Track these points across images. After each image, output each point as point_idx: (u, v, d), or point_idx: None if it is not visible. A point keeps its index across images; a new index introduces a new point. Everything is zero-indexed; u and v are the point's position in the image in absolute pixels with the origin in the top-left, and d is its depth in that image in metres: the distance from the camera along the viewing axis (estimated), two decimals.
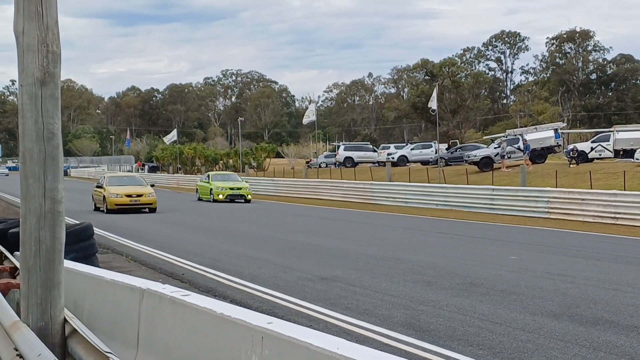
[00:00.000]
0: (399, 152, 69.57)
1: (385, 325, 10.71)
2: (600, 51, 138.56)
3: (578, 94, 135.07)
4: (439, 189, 39.25)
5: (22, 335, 5.89)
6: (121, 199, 36.62)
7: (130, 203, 36.67)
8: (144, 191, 37.81)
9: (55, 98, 6.29)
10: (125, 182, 39.33)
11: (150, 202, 37.36)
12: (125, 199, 36.67)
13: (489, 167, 50.97)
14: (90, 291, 8.17)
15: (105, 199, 36.79)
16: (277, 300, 12.91)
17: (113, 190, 37.12)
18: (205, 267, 17.09)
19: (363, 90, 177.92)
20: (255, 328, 4.77)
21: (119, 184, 38.47)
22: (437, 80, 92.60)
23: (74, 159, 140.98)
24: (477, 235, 24.62)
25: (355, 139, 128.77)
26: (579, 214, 29.48)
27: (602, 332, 10.16)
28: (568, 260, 17.77)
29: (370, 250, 20.01)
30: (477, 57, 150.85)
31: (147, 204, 37.29)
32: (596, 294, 13.14)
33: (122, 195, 36.72)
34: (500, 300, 12.50)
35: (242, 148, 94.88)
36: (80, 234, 14.42)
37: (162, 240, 23.38)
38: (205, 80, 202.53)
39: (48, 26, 6.23)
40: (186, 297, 6.06)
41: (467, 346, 9.52)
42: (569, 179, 40.65)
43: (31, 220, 6.27)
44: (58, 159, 6.33)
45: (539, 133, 54.61)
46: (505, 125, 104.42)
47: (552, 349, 9.30)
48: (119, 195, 36.66)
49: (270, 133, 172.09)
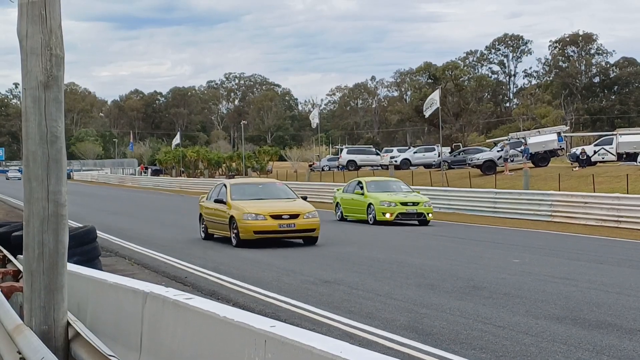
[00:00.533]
0: (401, 155, 69.54)
1: (388, 329, 10.70)
2: (603, 54, 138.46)
3: (581, 97, 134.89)
4: (442, 192, 39.24)
5: (26, 338, 5.90)
6: (264, 223, 22.15)
7: (281, 230, 22.39)
8: (299, 209, 22.99)
9: (58, 101, 6.30)
10: (261, 194, 24.55)
11: (310, 226, 22.73)
12: (272, 223, 22.20)
13: (491, 171, 50.97)
14: (93, 294, 8.17)
15: (234, 221, 22.42)
16: (280, 304, 12.91)
17: (248, 207, 22.56)
18: (208, 270, 17.10)
19: (366, 93, 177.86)
20: (258, 331, 4.77)
21: (253, 197, 23.89)
22: (440, 84, 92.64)
23: (77, 162, 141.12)
24: (480, 238, 24.62)
25: (358, 142, 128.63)
26: (582, 218, 29.46)
27: (605, 336, 10.15)
28: (571, 264, 17.76)
29: (373, 254, 20.00)
30: (480, 60, 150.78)
31: (305, 230, 22.71)
32: (599, 297, 13.12)
33: (265, 216, 22.21)
34: (503, 304, 12.49)
35: (245, 151, 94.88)
36: (83, 237, 14.42)
37: (164, 243, 23.38)
38: (208, 83, 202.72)
39: (52, 29, 6.25)
40: (189, 300, 6.06)
41: (470, 349, 9.51)
42: (572, 182, 40.63)
43: (34, 223, 6.27)
44: (61, 162, 6.34)
45: (542, 136, 54.63)
46: (508, 129, 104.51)
47: (556, 353, 9.29)
48: (260, 217, 22.17)
49: (273, 136, 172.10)
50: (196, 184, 74.80)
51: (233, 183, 25.86)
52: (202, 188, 69.67)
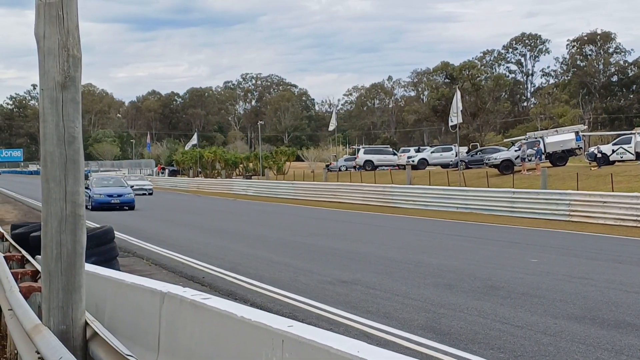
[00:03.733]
0: (419, 155, 69.41)
1: (406, 329, 10.68)
2: (622, 53, 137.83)
3: (599, 97, 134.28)
4: (459, 192, 39.13)
5: (44, 338, 5.91)
6: None
7: None
8: None
9: (76, 102, 6.31)
10: None
11: None
12: None
13: (509, 170, 50.80)
14: (111, 294, 8.19)
15: None
16: (298, 304, 12.91)
17: None
18: (226, 270, 17.13)
19: (383, 93, 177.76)
20: (275, 331, 4.76)
21: None
22: (457, 83, 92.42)
23: (95, 163, 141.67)
24: (497, 238, 24.54)
25: (375, 142, 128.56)
26: (601, 217, 29.31)
27: (624, 336, 10.09)
28: (589, 263, 17.67)
29: (390, 254, 19.97)
30: (497, 60, 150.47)
31: None
32: (618, 297, 13.06)
33: None
34: (522, 304, 12.44)
35: (262, 152, 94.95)
36: (101, 238, 14.48)
37: (182, 243, 23.43)
38: (225, 84, 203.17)
39: (69, 30, 6.26)
40: (207, 300, 6.06)
41: (488, 349, 9.48)
42: (590, 181, 40.43)
43: (52, 223, 6.29)
44: (79, 163, 6.35)
45: (560, 136, 54.41)
46: (526, 128, 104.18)
47: (574, 352, 9.25)
48: None
49: (290, 136, 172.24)
50: (213, 184, 74.93)
51: None
52: (220, 189, 69.88)
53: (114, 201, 41.76)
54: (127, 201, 42.35)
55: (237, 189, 65.96)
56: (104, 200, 41.50)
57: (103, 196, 41.70)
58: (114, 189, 43.27)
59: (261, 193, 60.85)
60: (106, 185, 44.21)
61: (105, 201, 41.52)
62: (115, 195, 42.12)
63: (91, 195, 41.31)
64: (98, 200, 41.42)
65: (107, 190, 42.77)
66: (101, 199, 41.56)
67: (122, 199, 42.16)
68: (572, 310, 11.87)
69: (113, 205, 41.52)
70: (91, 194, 41.35)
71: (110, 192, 42.41)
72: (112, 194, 42.33)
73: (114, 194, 42.27)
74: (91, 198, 41.06)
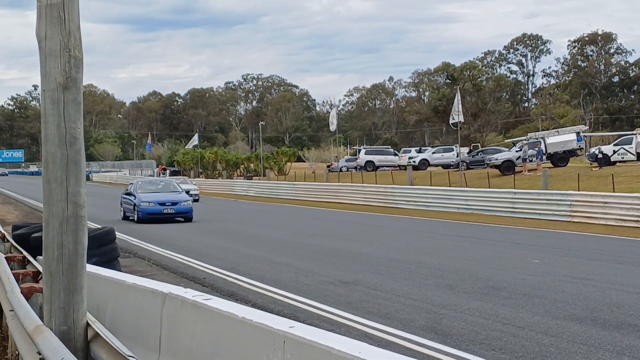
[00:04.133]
0: (420, 155, 69.40)
1: (407, 329, 10.69)
2: (623, 54, 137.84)
3: (600, 97, 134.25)
4: (460, 193, 39.13)
5: (45, 339, 5.92)
6: None
7: None
8: None
9: (77, 103, 6.31)
10: None
11: None
12: None
13: (510, 171, 50.78)
14: (112, 295, 8.19)
15: None
16: (299, 304, 12.91)
17: None
18: (227, 271, 17.13)
19: (384, 94, 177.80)
20: (277, 332, 4.76)
21: None
22: (458, 84, 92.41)
23: (96, 164, 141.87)
24: (498, 238, 24.54)
25: (376, 143, 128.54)
26: (602, 218, 29.30)
27: (625, 336, 10.09)
28: (591, 264, 17.67)
29: (392, 254, 19.97)
30: (498, 60, 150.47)
31: None
32: (619, 297, 13.05)
33: None
34: (523, 304, 12.44)
35: (263, 152, 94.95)
36: (102, 239, 14.48)
37: (183, 244, 23.44)
38: (226, 84, 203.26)
39: (70, 31, 6.26)
40: (208, 301, 6.06)
41: (490, 350, 9.48)
42: (592, 182, 40.42)
43: (54, 224, 6.29)
44: (80, 164, 6.35)
45: (561, 136, 54.41)
46: (527, 129, 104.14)
47: (575, 353, 9.25)
48: None
49: (291, 137, 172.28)
50: (215, 185, 74.91)
51: None
52: (221, 189, 69.86)
53: (167, 211, 33.40)
54: (184, 211, 33.82)
55: (239, 190, 65.94)
56: (154, 210, 33.26)
57: (153, 205, 33.37)
58: (165, 195, 34.66)
59: (262, 194, 60.86)
60: (155, 191, 35.57)
61: (157, 211, 33.29)
62: (168, 204, 33.66)
63: (137, 203, 33.49)
64: (147, 211, 33.15)
65: (158, 197, 34.28)
66: (151, 208, 33.28)
67: (178, 207, 33.77)
68: (574, 311, 11.87)
69: (166, 216, 33.30)
70: (137, 202, 33.55)
71: (162, 200, 33.92)
72: (164, 201, 33.82)
73: (167, 202, 33.84)
74: (137, 207, 33.34)
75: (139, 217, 32.93)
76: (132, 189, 35.23)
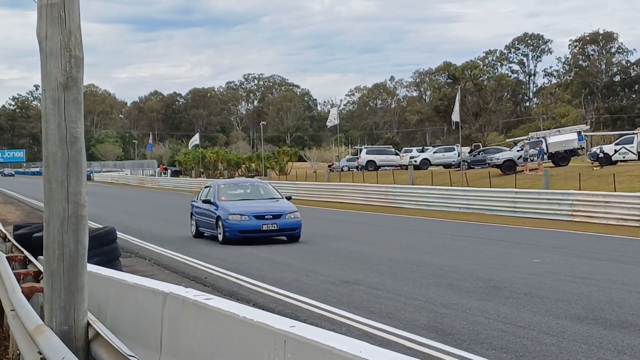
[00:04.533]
0: (421, 155, 69.39)
1: (408, 329, 10.68)
2: (624, 53, 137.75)
3: (601, 97, 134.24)
4: (462, 192, 39.11)
5: (46, 339, 5.92)
6: None
7: None
8: None
9: (78, 102, 6.31)
10: None
11: None
12: None
13: (511, 170, 50.74)
14: (113, 295, 8.19)
15: None
16: (300, 304, 12.91)
17: None
18: (228, 270, 17.14)
19: (385, 93, 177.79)
20: (277, 332, 4.76)
21: None
22: (459, 83, 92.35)
23: (97, 164, 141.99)
24: (499, 238, 24.53)
25: (377, 143, 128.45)
26: (603, 217, 29.27)
27: (626, 336, 10.08)
28: (592, 263, 17.66)
29: (393, 254, 19.97)
30: (499, 59, 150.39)
31: None
32: (620, 297, 13.04)
33: None
34: (524, 304, 12.44)
35: (264, 152, 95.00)
36: (103, 238, 14.48)
37: (184, 244, 23.44)
38: (227, 84, 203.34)
39: (71, 31, 6.26)
40: (209, 300, 6.06)
41: (491, 349, 9.48)
42: (593, 181, 40.41)
43: (55, 224, 6.29)
44: (81, 163, 6.35)
45: (562, 136, 54.40)
46: (528, 128, 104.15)
47: (576, 353, 9.24)
48: None
49: (292, 137, 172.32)
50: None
51: None
52: None
53: (267, 227, 23.28)
54: (290, 226, 23.74)
55: None
56: (250, 226, 23.19)
57: (248, 218, 23.23)
58: (262, 205, 24.46)
59: None
60: (244, 197, 25.54)
61: (253, 227, 23.18)
62: (269, 217, 23.44)
63: (222, 217, 23.43)
64: (239, 227, 23.16)
65: (252, 206, 24.10)
66: (244, 223, 23.17)
67: (282, 222, 23.51)
68: (575, 310, 11.86)
69: (266, 234, 23.37)
70: (222, 215, 23.49)
71: (259, 210, 23.70)
72: (262, 213, 23.59)
73: (267, 214, 23.56)
74: (223, 222, 23.29)
75: (225, 236, 23.13)
76: (211, 195, 25.20)
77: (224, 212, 23.47)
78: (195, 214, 26.12)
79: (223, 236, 23.23)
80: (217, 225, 23.78)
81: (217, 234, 23.81)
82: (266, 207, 24.03)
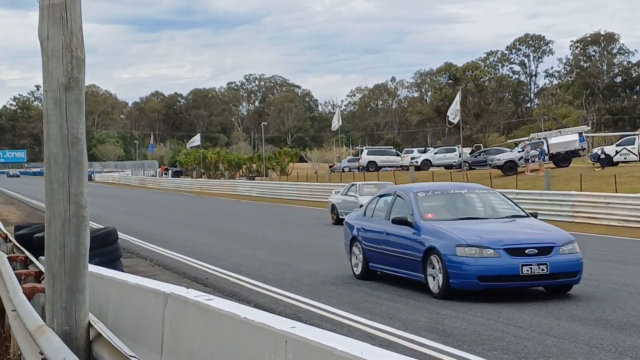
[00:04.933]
0: (422, 156, 69.35)
1: (409, 330, 10.68)
2: (625, 54, 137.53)
3: (602, 97, 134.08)
4: None
5: (47, 339, 5.92)
6: None
7: None
8: None
9: (79, 103, 6.32)
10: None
11: None
12: None
13: (512, 171, 50.70)
14: (114, 295, 8.20)
15: None
16: (301, 305, 12.91)
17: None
18: (229, 271, 17.13)
19: (386, 94, 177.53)
20: (279, 332, 4.77)
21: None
22: (461, 84, 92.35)
23: (98, 164, 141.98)
24: None
25: (378, 143, 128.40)
26: (604, 218, 29.23)
27: (627, 337, 10.08)
28: (593, 265, 17.61)
29: None
30: (500, 60, 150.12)
31: None
32: (622, 298, 13.04)
33: None
34: (525, 305, 12.42)
35: (265, 152, 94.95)
36: (104, 239, 14.49)
37: (185, 244, 23.44)
38: (228, 85, 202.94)
39: (72, 32, 6.27)
40: (210, 301, 6.07)
41: (492, 350, 9.48)
42: (594, 182, 40.38)
43: (56, 224, 6.30)
44: (82, 164, 6.36)
45: (563, 137, 54.36)
46: (529, 129, 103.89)
47: (578, 354, 9.24)
48: None
49: (293, 137, 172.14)
50: (217, 185, 74.90)
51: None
52: (223, 190, 69.85)
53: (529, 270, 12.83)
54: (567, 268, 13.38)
55: (241, 190, 65.92)
56: (500, 269, 12.91)
57: (494, 254, 12.90)
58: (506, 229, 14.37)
59: (265, 194, 60.81)
60: (459, 215, 14.65)
61: (507, 270, 12.88)
62: (530, 250, 13.00)
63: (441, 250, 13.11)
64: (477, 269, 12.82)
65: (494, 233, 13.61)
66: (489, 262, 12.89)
67: (554, 261, 13.05)
68: (576, 311, 11.86)
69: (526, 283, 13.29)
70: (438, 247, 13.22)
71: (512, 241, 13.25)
72: (518, 244, 13.15)
73: (526, 246, 13.12)
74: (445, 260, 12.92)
75: (450, 285, 13.02)
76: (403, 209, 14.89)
77: (444, 241, 13.36)
78: (365, 240, 15.71)
79: (444, 283, 13.10)
80: (426, 263, 13.57)
81: (422, 279, 13.78)
82: (522, 234, 13.99)
